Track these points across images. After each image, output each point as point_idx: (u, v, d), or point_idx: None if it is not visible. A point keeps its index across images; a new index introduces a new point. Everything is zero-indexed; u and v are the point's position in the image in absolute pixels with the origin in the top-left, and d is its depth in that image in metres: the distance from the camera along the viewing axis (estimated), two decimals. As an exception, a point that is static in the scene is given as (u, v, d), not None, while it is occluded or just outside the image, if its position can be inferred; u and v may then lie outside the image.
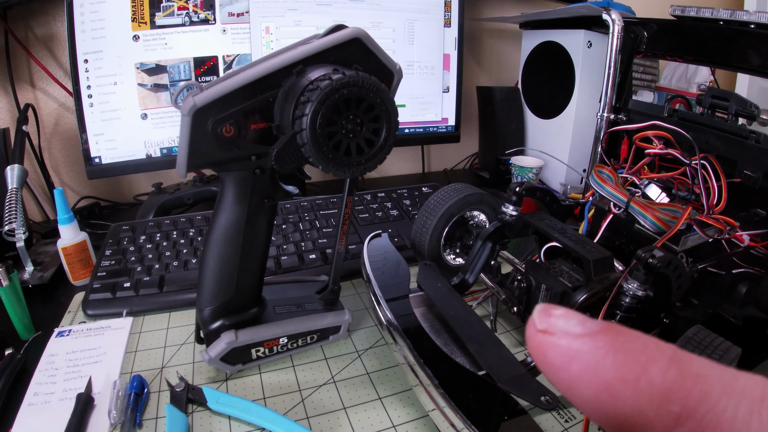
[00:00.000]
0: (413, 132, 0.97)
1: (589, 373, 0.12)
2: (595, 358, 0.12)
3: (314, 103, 0.36)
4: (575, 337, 0.12)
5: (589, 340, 0.12)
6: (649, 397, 0.11)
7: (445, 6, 0.93)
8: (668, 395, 0.11)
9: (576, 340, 0.12)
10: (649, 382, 0.11)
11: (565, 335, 0.13)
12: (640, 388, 0.11)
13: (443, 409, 0.36)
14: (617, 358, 0.12)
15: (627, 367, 0.11)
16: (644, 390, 0.11)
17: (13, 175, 0.68)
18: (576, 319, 0.13)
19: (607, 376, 0.12)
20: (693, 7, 0.65)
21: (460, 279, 0.54)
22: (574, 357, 0.12)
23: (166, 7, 0.76)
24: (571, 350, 0.12)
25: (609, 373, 0.12)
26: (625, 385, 0.11)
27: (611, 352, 0.12)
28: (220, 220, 0.44)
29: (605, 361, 0.12)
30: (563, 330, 0.13)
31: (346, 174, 0.40)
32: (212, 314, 0.47)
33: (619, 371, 0.11)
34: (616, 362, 0.12)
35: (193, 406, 0.46)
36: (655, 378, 0.11)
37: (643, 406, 0.11)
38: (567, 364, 0.12)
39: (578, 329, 0.13)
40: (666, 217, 0.51)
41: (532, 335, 0.13)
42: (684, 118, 0.66)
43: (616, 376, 0.11)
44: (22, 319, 0.55)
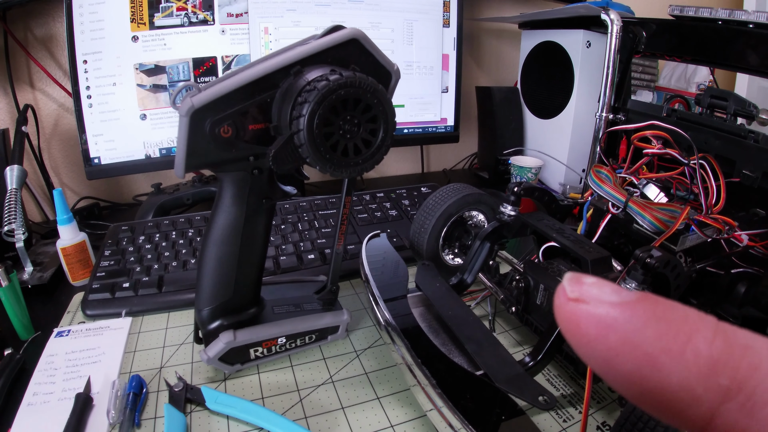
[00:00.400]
0: (412, 132, 0.97)
1: (628, 344, 0.11)
2: (635, 327, 0.11)
3: (311, 103, 0.36)
4: (612, 305, 0.11)
5: (628, 309, 0.11)
6: (696, 369, 0.10)
7: (443, 6, 0.93)
8: (716, 367, 0.10)
9: (613, 308, 0.11)
10: (695, 353, 0.10)
11: (600, 303, 0.11)
12: (686, 360, 0.10)
13: (441, 409, 0.37)
14: (659, 327, 0.11)
15: (670, 337, 0.11)
16: (690, 362, 0.10)
17: (13, 176, 0.68)
18: (610, 287, 0.12)
19: (650, 347, 0.11)
20: (692, 7, 0.65)
21: (458, 279, 0.54)
22: (612, 327, 0.11)
23: (165, 7, 0.76)
24: (608, 319, 0.11)
25: (651, 344, 0.11)
26: (670, 357, 0.10)
27: (652, 321, 0.11)
28: (218, 220, 0.44)
29: (646, 330, 0.11)
30: (598, 298, 0.12)
31: (343, 174, 0.40)
32: (211, 314, 0.47)
33: (662, 342, 0.11)
34: (658, 332, 0.11)
35: (192, 405, 0.46)
36: (702, 349, 0.10)
37: (690, 380, 0.10)
38: (604, 334, 0.11)
39: (614, 297, 0.12)
40: (664, 216, 0.51)
41: (563, 304, 0.12)
42: (683, 117, 0.66)
43: (659, 346, 0.11)
44: (21, 320, 0.55)
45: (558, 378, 0.50)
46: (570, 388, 0.48)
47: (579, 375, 0.49)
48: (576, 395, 0.48)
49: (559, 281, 0.46)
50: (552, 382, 0.49)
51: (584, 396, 0.47)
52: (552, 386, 0.49)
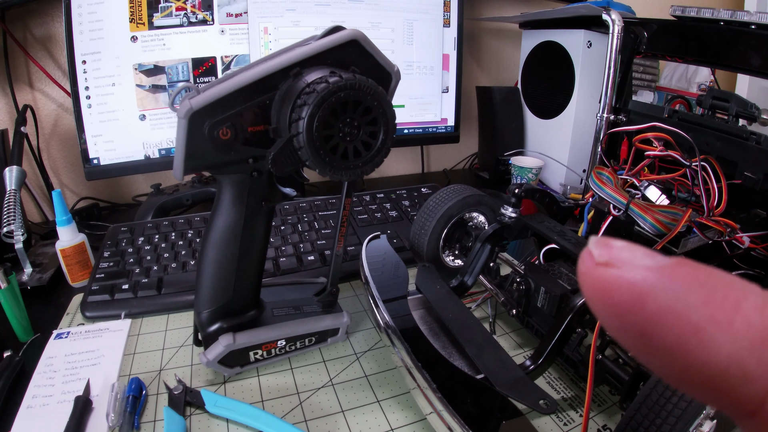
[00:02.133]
0: (412, 132, 0.97)
1: (670, 313, 0.09)
2: (676, 294, 0.09)
3: (311, 106, 0.36)
4: (648, 269, 0.10)
5: (667, 273, 0.10)
6: (748, 341, 0.09)
7: (444, 6, 0.93)
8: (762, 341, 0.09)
9: (650, 273, 0.10)
10: (746, 323, 0.09)
11: (634, 267, 0.10)
12: (736, 330, 0.09)
13: (441, 413, 0.36)
14: (703, 294, 0.09)
15: (717, 305, 0.09)
16: (741, 332, 0.09)
17: (12, 177, 0.68)
18: (643, 251, 0.10)
19: (694, 316, 0.09)
20: (693, 8, 0.65)
21: (458, 281, 0.54)
22: (649, 294, 0.10)
23: (164, 7, 0.76)
24: (645, 285, 0.10)
25: (696, 313, 0.09)
26: (719, 328, 0.09)
27: (695, 286, 0.09)
28: (217, 222, 0.44)
29: (690, 297, 0.09)
30: (631, 261, 0.10)
31: (343, 177, 0.40)
32: (210, 317, 0.47)
33: (708, 310, 0.09)
34: (703, 299, 0.09)
35: (191, 409, 0.46)
36: (753, 318, 0.09)
37: (741, 353, 0.09)
38: (640, 303, 0.10)
39: (649, 261, 0.10)
40: (666, 219, 0.51)
41: (590, 270, 0.10)
42: (684, 119, 0.66)
43: (705, 316, 0.09)
44: (20, 321, 0.55)
45: (558, 381, 0.50)
46: (571, 391, 0.48)
47: (580, 378, 0.49)
48: (577, 398, 0.47)
49: (560, 284, 0.46)
50: (552, 385, 0.49)
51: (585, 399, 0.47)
52: (552, 389, 0.48)
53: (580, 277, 0.11)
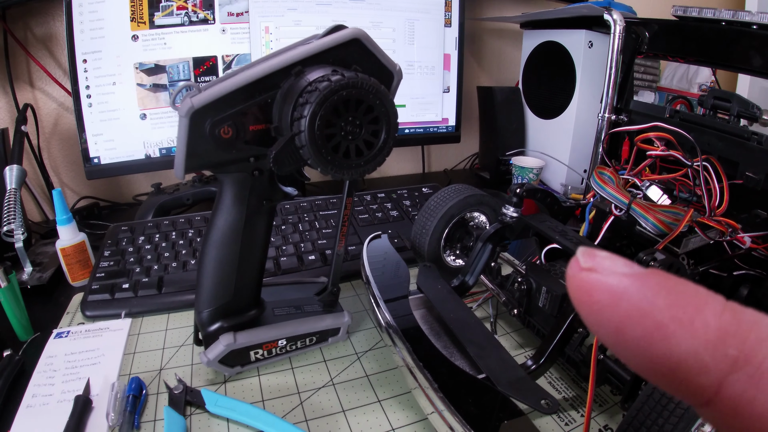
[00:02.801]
0: (413, 132, 0.97)
1: (639, 312, 0.11)
2: (646, 296, 0.11)
3: (313, 104, 0.35)
4: (624, 276, 0.12)
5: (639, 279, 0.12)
6: (704, 338, 0.11)
7: (445, 6, 0.93)
8: (725, 338, 0.11)
9: (625, 278, 0.12)
10: (704, 324, 0.11)
11: (612, 273, 0.12)
12: (695, 329, 0.11)
13: (442, 413, 0.36)
14: (670, 298, 0.11)
15: (680, 308, 0.11)
16: (699, 331, 0.11)
17: (12, 176, 0.68)
18: (622, 261, 0.12)
19: (660, 316, 0.11)
20: (695, 8, 0.65)
21: (460, 281, 0.54)
22: (623, 296, 0.12)
23: (165, 6, 0.76)
24: (619, 288, 0.12)
25: (661, 313, 0.11)
26: (680, 325, 0.11)
27: (663, 291, 0.11)
28: (218, 221, 0.44)
29: (657, 300, 0.11)
30: (610, 268, 0.12)
31: (345, 176, 0.40)
32: (211, 316, 0.47)
33: (672, 311, 0.11)
34: (668, 302, 0.11)
35: (192, 408, 0.45)
36: (711, 320, 0.11)
37: (699, 348, 0.11)
38: (615, 302, 0.12)
39: (626, 269, 0.12)
40: (668, 219, 0.50)
41: (576, 273, 0.12)
42: (685, 119, 0.66)
43: (669, 316, 0.11)
44: (20, 320, 0.55)
45: (560, 381, 0.49)
46: (572, 391, 0.48)
47: (581, 378, 0.49)
48: (578, 398, 0.47)
49: (561, 284, 0.46)
50: (554, 385, 0.49)
51: (586, 399, 0.47)
52: (554, 389, 0.48)
53: (567, 279, 0.13)
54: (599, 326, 0.12)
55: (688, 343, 0.11)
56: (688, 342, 0.11)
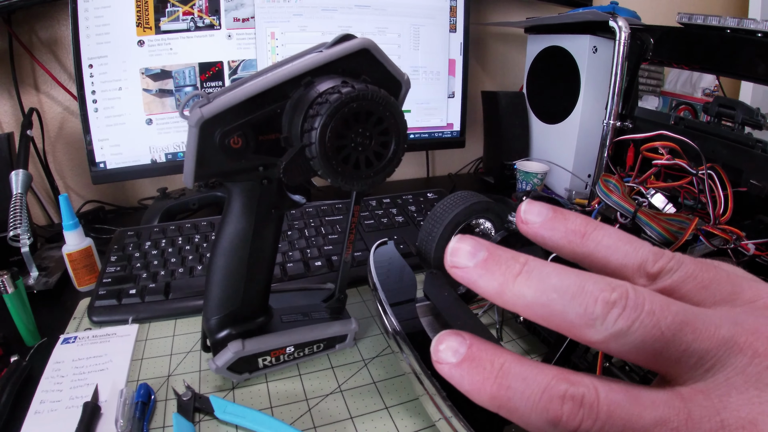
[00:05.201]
0: (418, 137, 0.97)
1: (459, 384, 0.19)
2: (459, 380, 0.19)
3: (323, 116, 0.36)
4: (451, 367, 0.19)
5: (456, 368, 0.19)
6: (485, 399, 0.18)
7: (450, 11, 0.93)
8: (492, 399, 0.18)
9: (451, 369, 0.19)
10: (483, 393, 0.18)
11: (445, 363, 0.19)
12: (481, 393, 0.18)
13: (450, 420, 0.36)
14: (469, 379, 0.18)
15: (473, 385, 0.18)
16: (483, 396, 0.18)
17: (18, 180, 0.68)
18: (450, 351, 0.19)
19: (467, 388, 0.18)
20: (700, 15, 0.65)
21: (466, 288, 0.54)
22: (452, 378, 0.19)
23: (171, 12, 0.76)
24: (450, 375, 0.19)
25: (467, 387, 0.18)
26: (474, 391, 0.18)
27: (466, 375, 0.19)
28: (226, 230, 0.44)
29: (464, 381, 0.18)
30: (445, 360, 0.19)
31: (354, 187, 0.40)
32: (219, 323, 0.47)
33: (470, 386, 0.18)
34: (468, 382, 0.18)
35: (200, 415, 0.46)
36: (486, 390, 0.18)
37: (484, 400, 0.18)
38: (450, 378, 0.19)
39: (452, 359, 0.19)
40: (673, 227, 0.51)
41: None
42: (690, 126, 0.66)
43: (469, 389, 0.18)
44: (27, 326, 0.55)
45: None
46: (578, 399, 0.48)
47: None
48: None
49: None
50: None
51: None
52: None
53: None
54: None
55: (479, 400, 0.18)
56: (479, 399, 0.18)
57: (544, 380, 0.17)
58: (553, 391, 0.17)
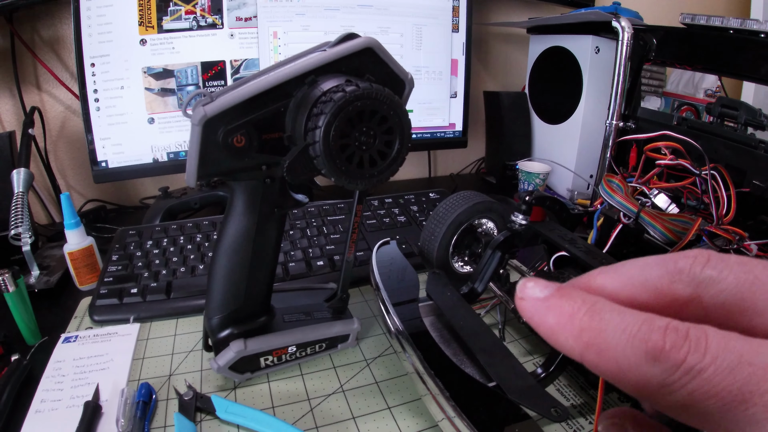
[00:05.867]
0: (420, 137, 0.97)
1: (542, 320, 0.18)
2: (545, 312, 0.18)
3: (327, 115, 0.36)
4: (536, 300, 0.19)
5: (542, 302, 0.19)
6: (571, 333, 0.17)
7: (453, 11, 0.93)
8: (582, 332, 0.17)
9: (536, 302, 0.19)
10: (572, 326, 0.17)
11: (531, 299, 0.19)
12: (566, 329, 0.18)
13: (453, 420, 0.36)
14: (556, 311, 0.18)
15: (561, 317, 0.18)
16: (569, 329, 0.17)
17: (20, 179, 0.68)
18: (541, 288, 0.19)
19: (550, 322, 0.18)
20: (703, 16, 0.65)
21: (469, 288, 0.54)
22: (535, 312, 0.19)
23: (174, 11, 0.76)
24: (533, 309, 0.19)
25: (551, 320, 0.18)
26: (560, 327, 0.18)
27: (553, 308, 0.18)
28: (229, 229, 0.44)
29: (549, 313, 0.18)
30: (530, 296, 0.19)
31: (358, 186, 0.40)
32: (221, 323, 0.47)
33: (556, 319, 0.18)
34: (555, 314, 0.18)
35: (202, 414, 0.45)
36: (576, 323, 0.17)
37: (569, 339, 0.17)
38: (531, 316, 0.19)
39: (539, 294, 0.19)
40: (676, 228, 0.51)
41: (516, 300, 0.20)
42: (693, 126, 0.66)
43: (555, 322, 0.18)
44: (28, 325, 0.55)
45: (568, 388, 0.50)
46: (580, 398, 0.48)
47: (589, 385, 0.49)
48: (586, 405, 0.47)
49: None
50: (562, 392, 0.49)
51: (593, 406, 0.47)
52: (562, 396, 0.48)
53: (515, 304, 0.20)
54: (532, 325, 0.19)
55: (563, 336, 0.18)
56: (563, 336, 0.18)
57: (642, 315, 0.16)
58: (654, 323, 0.16)
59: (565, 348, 0.18)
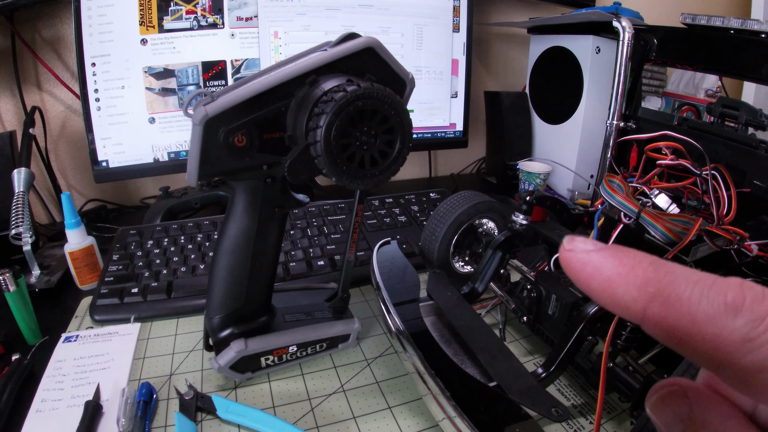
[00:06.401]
0: (421, 137, 0.97)
1: (597, 271, 0.17)
2: (600, 262, 0.17)
3: (329, 115, 0.36)
4: (587, 251, 0.18)
5: (596, 252, 0.17)
6: (634, 283, 0.16)
7: (453, 11, 0.93)
8: (647, 282, 0.16)
9: (588, 253, 0.18)
10: (635, 275, 0.16)
11: (581, 250, 0.18)
12: (629, 279, 0.16)
13: (453, 419, 0.36)
14: (615, 261, 0.17)
15: (621, 267, 0.16)
16: (631, 279, 0.16)
17: (20, 179, 0.68)
18: (591, 242, 0.18)
19: (608, 272, 0.17)
20: (704, 16, 0.65)
21: (470, 288, 0.54)
22: (587, 263, 0.17)
23: (175, 11, 0.76)
24: (585, 259, 0.17)
25: (609, 270, 0.17)
26: (620, 277, 0.16)
27: (611, 258, 0.17)
28: (230, 228, 0.44)
29: (606, 263, 0.17)
30: (581, 248, 0.18)
31: (359, 186, 0.40)
32: (222, 322, 0.47)
33: (616, 269, 0.17)
34: (614, 264, 0.17)
35: (203, 414, 0.46)
36: (639, 273, 0.16)
37: (631, 290, 0.16)
38: (583, 267, 0.17)
39: (590, 247, 0.18)
40: (677, 228, 0.50)
41: (561, 252, 0.18)
42: (694, 126, 0.66)
43: (614, 272, 0.17)
44: (29, 324, 0.55)
45: (568, 388, 0.50)
46: (580, 398, 0.48)
47: (590, 385, 0.49)
48: (587, 405, 0.47)
49: (571, 292, 0.46)
50: (563, 392, 0.49)
51: (594, 406, 0.47)
52: (563, 396, 0.48)
53: (559, 258, 0.18)
54: (578, 281, 0.18)
55: (624, 287, 0.16)
56: (624, 287, 0.16)
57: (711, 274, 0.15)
58: (728, 280, 0.15)
59: (623, 301, 0.16)
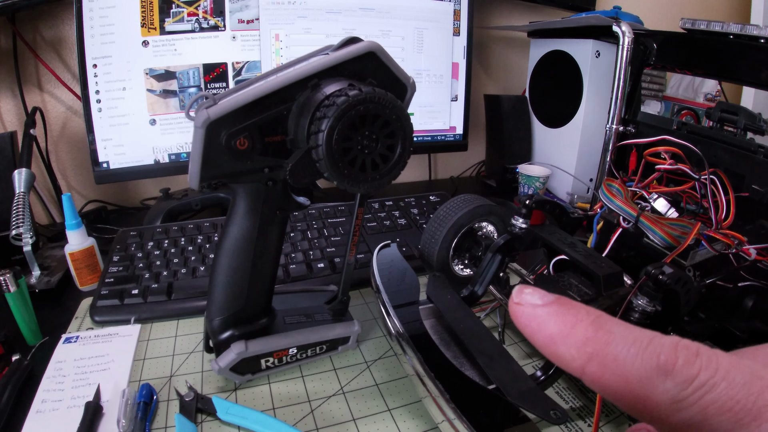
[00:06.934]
0: (421, 140, 0.97)
1: (540, 328, 0.18)
2: (544, 319, 0.18)
3: (330, 119, 0.36)
4: (534, 306, 0.18)
5: (542, 308, 0.18)
6: (574, 342, 0.17)
7: (454, 14, 0.93)
8: (586, 342, 0.17)
9: (535, 308, 0.18)
10: (575, 334, 0.17)
11: (529, 304, 0.19)
12: (569, 338, 0.17)
13: (453, 422, 0.36)
14: (557, 319, 0.18)
15: (563, 325, 0.18)
16: (572, 339, 0.17)
17: (21, 179, 0.68)
18: (538, 294, 0.19)
19: (551, 330, 0.18)
20: (703, 21, 0.65)
21: (469, 291, 0.54)
22: (533, 318, 0.18)
23: (176, 13, 0.76)
24: (531, 314, 0.18)
25: (552, 328, 0.18)
26: (561, 336, 0.18)
27: (554, 315, 0.18)
28: (231, 231, 0.44)
29: (550, 320, 0.18)
30: (529, 301, 0.19)
31: (360, 189, 0.40)
32: (222, 324, 0.47)
33: (558, 327, 0.18)
34: (556, 321, 0.18)
35: (203, 416, 0.46)
36: (579, 332, 0.17)
37: (570, 349, 0.17)
38: (529, 322, 0.19)
39: (537, 301, 0.19)
40: (675, 232, 0.51)
41: (510, 304, 0.19)
42: (693, 131, 0.66)
43: (555, 330, 0.18)
44: (29, 325, 0.55)
45: (567, 391, 0.50)
46: (579, 401, 0.48)
47: (588, 388, 0.49)
48: (585, 408, 0.48)
49: (570, 295, 0.46)
50: (561, 395, 0.49)
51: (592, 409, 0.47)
52: (561, 399, 0.49)
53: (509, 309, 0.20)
54: (525, 335, 0.19)
55: (565, 346, 0.17)
56: (564, 346, 0.17)
57: (648, 331, 0.16)
58: (664, 340, 0.16)
59: (564, 359, 0.17)
